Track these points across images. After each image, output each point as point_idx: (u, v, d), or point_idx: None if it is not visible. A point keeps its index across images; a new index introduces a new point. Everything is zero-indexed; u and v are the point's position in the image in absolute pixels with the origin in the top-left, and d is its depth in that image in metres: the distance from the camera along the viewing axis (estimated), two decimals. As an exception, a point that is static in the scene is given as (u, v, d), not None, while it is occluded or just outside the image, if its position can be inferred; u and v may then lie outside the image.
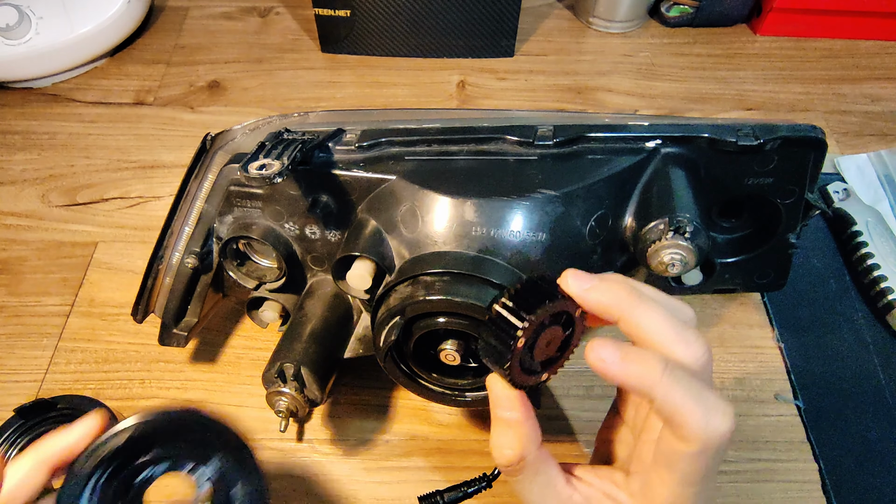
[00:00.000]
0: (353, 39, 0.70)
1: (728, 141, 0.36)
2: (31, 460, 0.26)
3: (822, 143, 0.36)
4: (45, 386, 0.47)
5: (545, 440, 0.28)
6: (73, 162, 0.61)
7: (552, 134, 0.37)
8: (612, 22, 0.73)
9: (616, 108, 0.67)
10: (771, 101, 0.67)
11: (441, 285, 0.32)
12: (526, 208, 0.34)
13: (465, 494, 0.33)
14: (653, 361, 0.24)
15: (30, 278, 0.53)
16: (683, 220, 0.34)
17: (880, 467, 0.43)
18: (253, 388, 0.46)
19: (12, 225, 0.57)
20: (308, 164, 0.36)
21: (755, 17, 0.74)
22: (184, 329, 0.43)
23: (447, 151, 0.37)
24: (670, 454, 0.24)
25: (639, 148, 0.37)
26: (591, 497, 0.28)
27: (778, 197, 0.39)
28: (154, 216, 0.57)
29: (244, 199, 0.39)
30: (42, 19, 0.63)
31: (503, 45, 0.70)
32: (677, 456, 0.24)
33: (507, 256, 0.33)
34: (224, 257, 0.41)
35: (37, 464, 0.26)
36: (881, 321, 0.50)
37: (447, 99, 0.67)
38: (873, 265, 0.50)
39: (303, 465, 0.43)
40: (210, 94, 0.67)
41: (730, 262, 0.42)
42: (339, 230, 0.39)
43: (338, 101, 0.67)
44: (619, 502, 0.28)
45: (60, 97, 0.67)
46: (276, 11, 0.77)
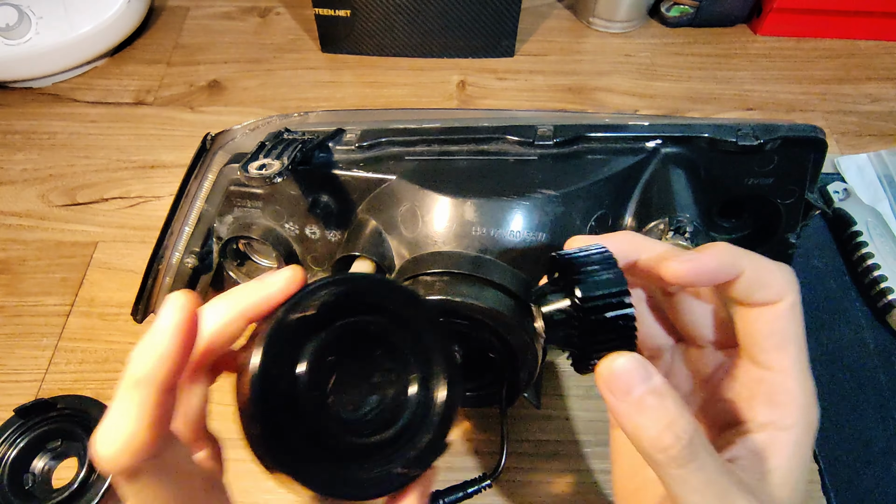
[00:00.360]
0: (353, 39, 0.70)
1: (728, 141, 0.36)
2: (229, 306, 0.23)
3: (822, 143, 0.36)
4: (45, 386, 0.47)
5: (545, 440, 0.28)
6: (73, 162, 0.61)
7: (552, 134, 0.37)
8: (612, 22, 0.73)
9: (616, 108, 0.67)
10: (771, 101, 0.67)
11: (441, 285, 0.32)
12: (526, 208, 0.34)
13: (465, 494, 0.33)
14: (725, 244, 0.24)
15: (30, 278, 0.53)
16: (683, 220, 0.34)
17: (880, 467, 0.43)
18: (253, 388, 0.46)
19: (12, 225, 0.57)
20: (308, 164, 0.36)
21: (755, 17, 0.74)
22: (184, 329, 0.43)
23: (447, 151, 0.37)
24: (773, 323, 0.24)
25: (639, 148, 0.37)
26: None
27: (778, 197, 0.39)
28: (154, 216, 0.57)
29: (244, 199, 0.39)
30: (42, 19, 0.63)
31: (503, 45, 0.70)
32: (781, 319, 0.24)
33: (507, 256, 0.33)
34: (224, 257, 0.41)
35: (234, 311, 0.23)
36: (881, 321, 0.50)
37: (447, 99, 0.67)
38: (873, 265, 0.50)
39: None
40: (210, 94, 0.67)
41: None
42: (339, 230, 0.39)
43: (338, 101, 0.67)
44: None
45: (60, 97, 0.67)
46: (276, 11, 0.77)
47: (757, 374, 0.25)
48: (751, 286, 0.24)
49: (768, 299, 0.24)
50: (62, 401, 0.43)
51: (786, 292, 0.24)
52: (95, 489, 0.40)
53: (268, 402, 0.21)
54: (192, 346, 0.20)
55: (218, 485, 0.24)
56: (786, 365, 0.24)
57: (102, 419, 0.19)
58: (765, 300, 0.24)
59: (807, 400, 0.24)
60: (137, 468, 0.19)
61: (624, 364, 0.22)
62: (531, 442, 0.44)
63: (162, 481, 0.20)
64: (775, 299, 0.24)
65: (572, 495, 0.42)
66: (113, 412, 0.19)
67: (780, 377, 0.24)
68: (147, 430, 0.19)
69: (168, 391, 0.19)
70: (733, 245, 0.24)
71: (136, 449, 0.19)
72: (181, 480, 0.21)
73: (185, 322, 0.20)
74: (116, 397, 0.19)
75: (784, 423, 0.24)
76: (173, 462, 0.21)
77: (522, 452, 0.43)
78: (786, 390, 0.24)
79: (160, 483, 0.20)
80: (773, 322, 0.24)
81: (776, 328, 0.24)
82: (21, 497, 0.40)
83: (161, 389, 0.19)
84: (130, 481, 0.19)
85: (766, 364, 0.24)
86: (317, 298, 0.22)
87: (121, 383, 0.19)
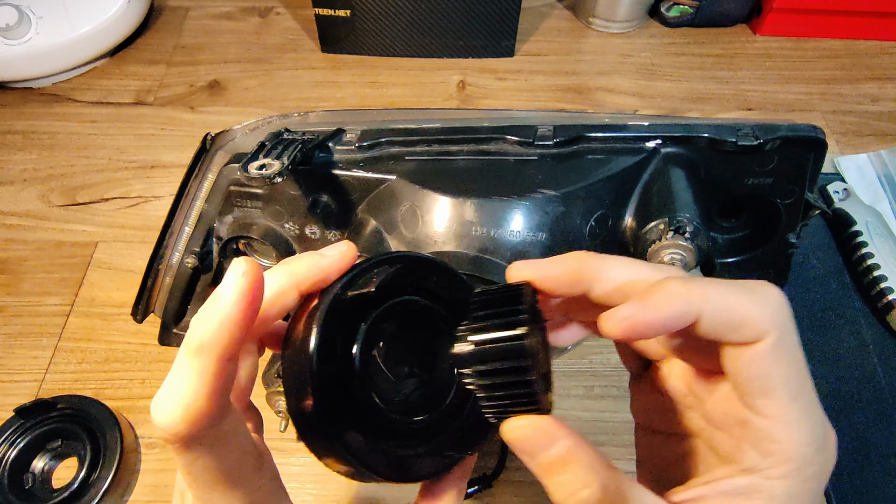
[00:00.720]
0: (353, 39, 0.70)
1: (728, 141, 0.36)
2: (286, 276, 0.22)
3: (821, 143, 0.36)
4: (45, 386, 0.47)
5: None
6: (73, 162, 0.61)
7: (552, 134, 0.37)
8: (612, 22, 0.73)
9: (616, 108, 0.67)
10: (771, 101, 0.67)
11: (441, 285, 0.32)
12: (526, 208, 0.34)
13: (465, 494, 0.33)
14: (675, 281, 0.20)
15: (30, 278, 0.53)
16: (683, 219, 0.34)
17: (880, 467, 0.43)
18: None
19: (12, 225, 0.57)
20: (308, 164, 0.36)
21: (755, 17, 0.74)
22: (184, 329, 0.43)
23: (447, 151, 0.37)
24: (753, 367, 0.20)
25: (639, 148, 0.37)
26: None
27: (778, 197, 0.39)
28: (154, 216, 0.57)
29: (244, 199, 0.39)
30: (42, 19, 0.63)
31: (503, 45, 0.70)
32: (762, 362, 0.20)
33: (507, 256, 0.33)
34: (224, 257, 0.41)
35: (290, 281, 0.22)
36: (881, 321, 0.50)
37: (447, 99, 0.67)
38: (873, 265, 0.50)
39: (303, 465, 0.43)
40: (210, 94, 0.67)
41: (730, 261, 0.42)
42: (339, 230, 0.39)
43: (338, 101, 0.67)
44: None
45: (60, 97, 0.67)
46: (276, 11, 0.77)
47: (745, 415, 0.21)
48: (716, 328, 0.20)
49: (743, 340, 0.20)
50: (62, 401, 0.43)
51: (766, 329, 0.20)
52: (96, 489, 0.40)
53: (322, 379, 0.20)
54: (256, 314, 0.19)
55: (268, 461, 0.23)
56: (772, 412, 0.20)
57: (163, 385, 0.19)
58: (737, 340, 0.20)
59: (802, 450, 0.20)
60: (194, 437, 0.19)
61: (522, 432, 0.20)
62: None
63: (217, 452, 0.20)
64: (752, 339, 0.20)
65: (572, 495, 0.42)
66: (172, 378, 0.18)
67: (767, 423, 0.20)
68: (207, 398, 0.18)
69: (230, 359, 0.19)
70: (688, 280, 0.20)
71: (194, 417, 0.18)
72: (235, 452, 0.20)
73: (251, 288, 0.19)
74: (176, 363, 0.19)
75: (771, 474, 0.21)
76: (230, 433, 0.20)
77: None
78: (774, 440, 0.20)
79: (215, 454, 0.20)
80: (753, 366, 0.20)
81: (757, 372, 0.20)
82: (21, 497, 0.40)
83: (223, 357, 0.18)
84: (186, 450, 0.19)
85: (751, 407, 0.21)
86: (373, 276, 0.22)
87: (182, 349, 0.19)
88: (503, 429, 0.21)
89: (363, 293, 0.22)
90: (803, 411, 0.21)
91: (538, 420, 0.21)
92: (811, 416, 0.21)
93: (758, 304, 0.20)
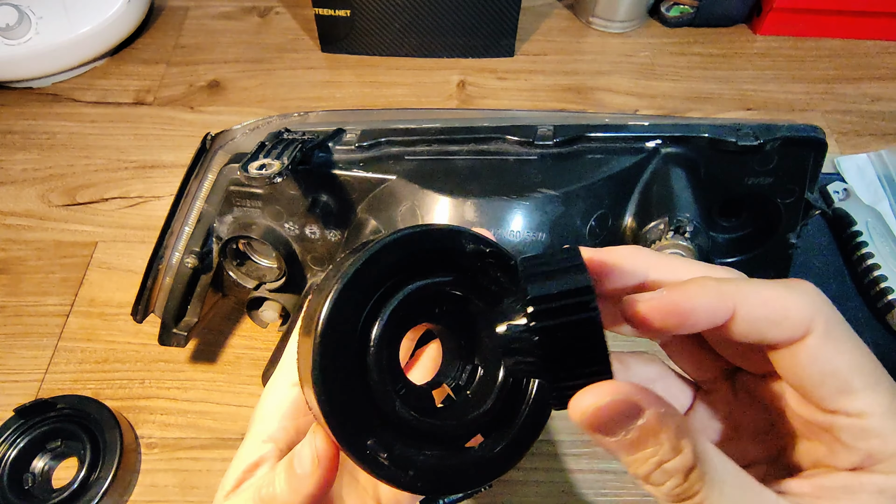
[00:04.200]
0: (353, 39, 0.70)
1: (728, 141, 0.36)
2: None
3: (822, 143, 0.36)
4: (45, 386, 0.47)
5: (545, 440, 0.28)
6: (73, 162, 0.61)
7: (552, 134, 0.37)
8: (612, 22, 0.73)
9: (616, 108, 0.67)
10: (771, 101, 0.67)
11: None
12: (526, 208, 0.34)
13: (465, 494, 0.33)
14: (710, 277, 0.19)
15: (30, 278, 0.53)
16: (683, 219, 0.34)
17: (880, 467, 0.43)
18: (253, 388, 0.46)
19: (12, 225, 0.57)
20: (308, 164, 0.36)
21: (755, 17, 0.74)
22: (184, 329, 0.43)
23: (447, 151, 0.37)
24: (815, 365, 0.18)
25: (639, 148, 0.37)
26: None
27: (778, 197, 0.39)
28: (154, 216, 0.57)
29: (244, 198, 0.39)
30: (42, 19, 0.63)
31: (503, 45, 0.70)
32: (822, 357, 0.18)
33: (507, 256, 0.33)
34: (224, 257, 0.41)
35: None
36: (881, 321, 0.50)
37: (447, 99, 0.67)
38: (873, 265, 0.50)
39: (303, 465, 0.43)
40: (210, 94, 0.67)
41: (730, 261, 0.42)
42: (339, 230, 0.39)
43: (338, 101, 0.67)
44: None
45: (60, 97, 0.67)
46: (276, 11, 0.77)
47: (829, 419, 0.19)
48: (754, 327, 0.19)
49: (788, 337, 0.18)
50: (62, 401, 0.43)
51: (811, 320, 0.18)
52: (95, 489, 0.40)
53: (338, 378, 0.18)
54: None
55: None
56: (858, 407, 0.18)
57: None
58: (783, 339, 0.18)
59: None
60: None
61: (598, 406, 0.17)
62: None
63: None
64: (799, 335, 0.18)
65: (572, 495, 0.42)
66: None
67: (857, 422, 0.18)
68: None
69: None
70: (725, 272, 0.19)
71: None
72: None
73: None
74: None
75: (879, 469, 0.18)
76: None
77: (522, 452, 0.43)
78: (874, 435, 0.18)
79: None
80: (814, 364, 0.18)
81: (822, 370, 0.18)
82: (21, 497, 0.40)
83: None
84: None
85: (833, 410, 0.19)
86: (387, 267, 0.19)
87: None
88: (575, 405, 0.18)
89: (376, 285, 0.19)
90: (890, 395, 0.19)
91: (619, 386, 0.17)
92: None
93: (795, 295, 0.19)
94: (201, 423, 0.45)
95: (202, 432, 0.44)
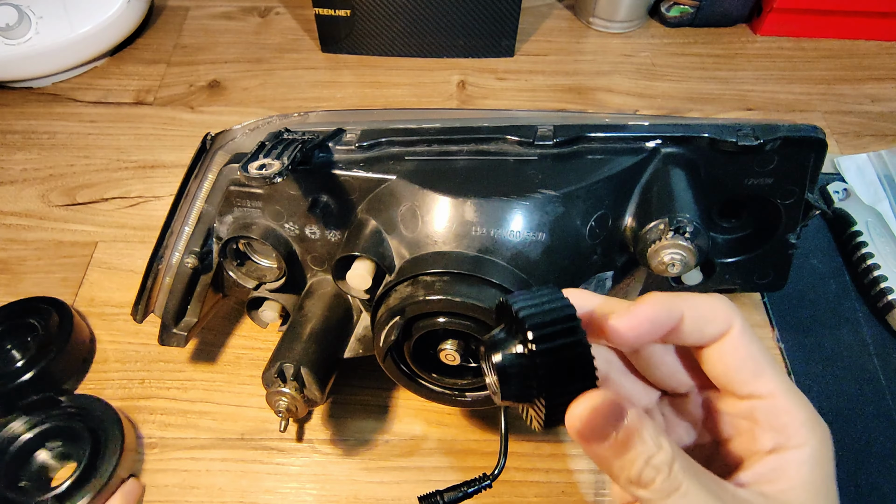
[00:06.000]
0: (353, 39, 0.70)
1: (728, 141, 0.36)
2: None
3: (822, 143, 0.36)
4: (45, 386, 0.47)
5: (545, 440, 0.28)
6: (73, 162, 0.61)
7: (552, 134, 0.37)
8: (612, 22, 0.73)
9: (616, 108, 0.67)
10: (771, 101, 0.67)
11: (441, 285, 0.32)
12: (526, 208, 0.34)
13: (465, 494, 0.33)
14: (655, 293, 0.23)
15: (30, 278, 0.53)
16: (683, 220, 0.34)
17: (880, 467, 0.43)
18: (253, 388, 0.46)
19: (12, 225, 0.57)
20: (308, 164, 0.36)
21: (755, 17, 0.74)
22: (184, 329, 0.43)
23: (447, 151, 0.37)
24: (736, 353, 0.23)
25: (639, 148, 0.37)
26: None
27: (778, 197, 0.39)
28: (154, 216, 0.57)
29: (244, 199, 0.39)
30: (42, 19, 0.63)
31: (503, 45, 0.70)
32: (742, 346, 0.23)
33: (507, 256, 0.33)
34: (224, 257, 0.41)
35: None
36: (881, 321, 0.50)
37: (447, 99, 0.67)
38: (873, 265, 0.50)
39: (303, 465, 0.43)
40: (210, 94, 0.67)
41: (730, 262, 0.42)
42: (339, 230, 0.39)
43: (338, 101, 0.67)
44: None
45: (60, 97, 0.67)
46: (276, 11, 0.77)
47: (747, 406, 0.24)
48: (696, 325, 0.23)
49: (718, 332, 0.23)
50: (67, 397, 0.44)
51: (731, 319, 0.23)
52: (93, 486, 0.40)
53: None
54: None
55: None
56: (771, 387, 0.23)
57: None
58: (715, 334, 0.23)
59: (809, 414, 0.23)
60: None
61: (592, 408, 0.20)
62: (531, 442, 0.44)
63: None
64: (725, 329, 0.23)
65: (572, 495, 0.42)
66: None
67: (771, 401, 0.23)
68: None
69: None
70: (662, 292, 0.23)
71: None
72: None
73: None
74: None
75: (793, 443, 0.22)
76: None
77: (522, 452, 0.43)
78: (784, 411, 0.23)
79: None
80: (735, 352, 0.23)
81: (742, 356, 0.23)
82: (15, 492, 0.40)
83: None
84: None
85: (751, 395, 0.23)
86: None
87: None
88: (572, 413, 0.21)
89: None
90: (788, 380, 0.24)
91: (602, 392, 0.21)
92: (793, 384, 0.24)
93: (718, 301, 0.24)
94: (201, 423, 0.45)
95: (202, 432, 0.44)
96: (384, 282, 0.35)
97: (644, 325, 0.22)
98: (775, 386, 0.23)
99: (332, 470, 0.43)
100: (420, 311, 0.33)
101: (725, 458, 0.25)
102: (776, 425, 0.23)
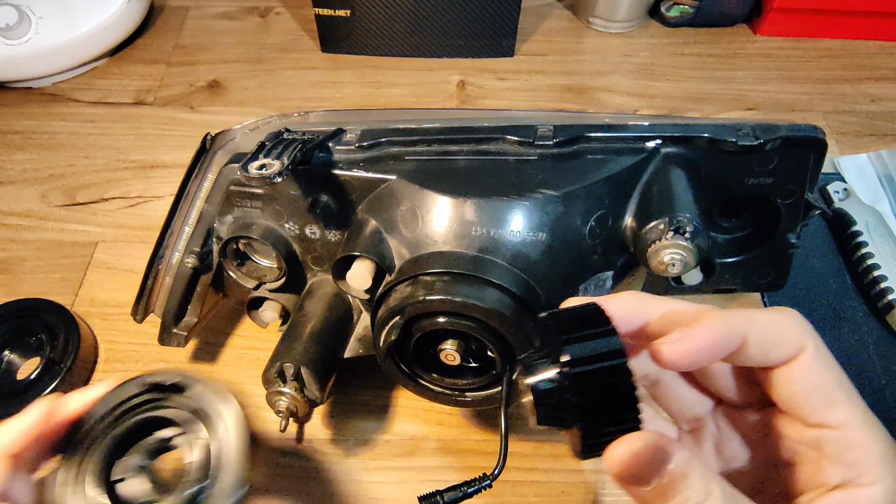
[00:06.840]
0: (353, 39, 0.70)
1: (728, 141, 0.36)
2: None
3: (822, 143, 0.36)
4: (45, 386, 0.47)
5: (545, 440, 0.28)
6: (73, 162, 0.61)
7: (552, 134, 0.37)
8: (612, 22, 0.73)
9: (616, 108, 0.67)
10: (771, 101, 0.67)
11: (441, 285, 0.32)
12: (526, 208, 0.34)
13: (465, 494, 0.33)
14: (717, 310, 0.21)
15: (30, 278, 0.53)
16: (683, 219, 0.34)
17: (880, 467, 0.43)
18: (253, 388, 0.46)
19: (12, 225, 0.57)
20: (308, 164, 0.36)
21: (755, 17, 0.74)
22: (184, 329, 0.43)
23: (447, 151, 0.37)
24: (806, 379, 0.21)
25: (639, 148, 0.37)
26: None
27: (778, 197, 0.39)
28: (154, 216, 0.57)
29: (244, 198, 0.39)
30: (42, 19, 0.63)
31: (503, 45, 0.70)
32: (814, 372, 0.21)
33: (508, 256, 0.33)
34: (224, 257, 0.41)
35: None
36: (881, 321, 0.50)
37: (447, 99, 0.67)
38: (873, 265, 0.50)
39: (303, 465, 0.43)
40: (210, 94, 0.67)
41: (730, 261, 0.42)
42: (339, 230, 0.39)
43: (338, 101, 0.67)
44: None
45: (60, 97, 0.67)
46: (276, 11, 0.77)
47: (814, 434, 0.21)
48: (762, 348, 0.21)
49: (787, 355, 0.21)
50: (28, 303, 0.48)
51: (803, 340, 0.21)
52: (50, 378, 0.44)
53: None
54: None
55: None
56: (844, 418, 0.21)
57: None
58: (783, 358, 0.21)
59: (885, 448, 0.20)
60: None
61: (633, 453, 0.19)
62: (531, 442, 0.44)
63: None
64: (795, 352, 0.21)
65: (572, 495, 0.42)
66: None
67: (842, 433, 0.21)
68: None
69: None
70: (727, 311, 0.21)
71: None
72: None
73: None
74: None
75: (865, 480, 0.20)
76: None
77: (522, 452, 0.43)
78: (856, 444, 0.20)
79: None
80: (805, 378, 0.21)
81: (813, 383, 0.21)
82: None
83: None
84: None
85: (820, 424, 0.21)
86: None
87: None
88: (610, 456, 0.19)
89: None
90: (866, 411, 0.21)
91: (647, 434, 0.19)
92: (872, 415, 0.21)
93: (788, 319, 0.21)
94: (201, 423, 0.45)
95: (202, 432, 0.44)
96: (384, 282, 0.35)
97: (701, 353, 0.20)
98: (849, 416, 0.21)
99: (331, 470, 0.43)
100: (420, 311, 0.33)
101: (783, 483, 0.23)
102: (846, 459, 0.21)
